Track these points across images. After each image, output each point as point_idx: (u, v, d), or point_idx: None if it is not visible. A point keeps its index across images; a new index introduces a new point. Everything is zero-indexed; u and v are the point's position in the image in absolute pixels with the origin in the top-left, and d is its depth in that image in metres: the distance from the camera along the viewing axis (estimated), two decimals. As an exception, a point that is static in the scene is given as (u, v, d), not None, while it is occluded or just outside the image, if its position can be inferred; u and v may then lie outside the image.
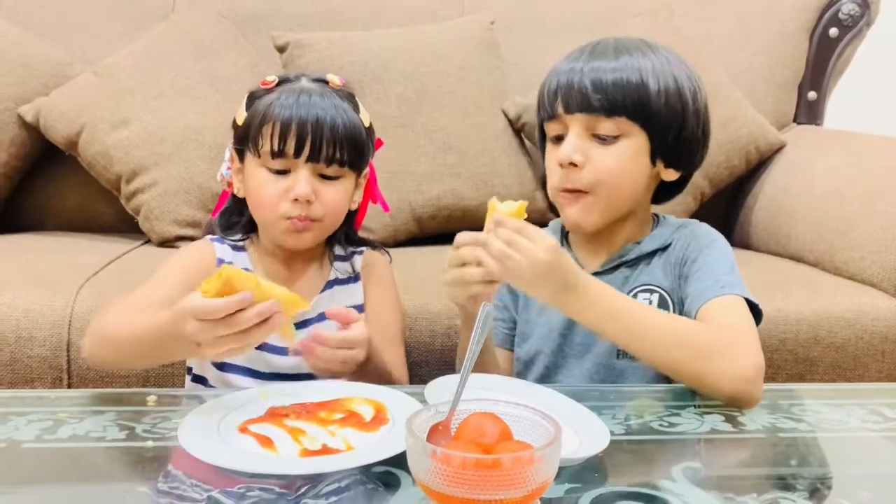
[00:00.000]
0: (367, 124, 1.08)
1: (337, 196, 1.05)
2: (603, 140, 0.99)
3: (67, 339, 1.27)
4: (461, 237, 0.90)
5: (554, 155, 1.02)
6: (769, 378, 1.33)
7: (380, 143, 1.15)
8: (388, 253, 1.21)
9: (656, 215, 1.11)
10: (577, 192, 1.01)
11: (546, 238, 0.87)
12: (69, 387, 1.27)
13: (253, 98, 1.07)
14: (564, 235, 1.13)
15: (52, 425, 0.81)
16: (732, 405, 0.89)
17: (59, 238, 1.77)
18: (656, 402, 0.92)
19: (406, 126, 1.74)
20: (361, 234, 1.20)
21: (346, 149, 1.03)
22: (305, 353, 0.93)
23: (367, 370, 0.98)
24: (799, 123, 1.99)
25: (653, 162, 1.02)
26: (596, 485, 0.70)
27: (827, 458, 0.83)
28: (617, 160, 1.00)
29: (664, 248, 1.05)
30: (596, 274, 1.04)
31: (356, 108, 1.08)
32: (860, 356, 1.35)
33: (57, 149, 1.76)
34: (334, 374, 0.95)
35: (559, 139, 1.02)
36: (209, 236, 1.13)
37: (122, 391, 0.95)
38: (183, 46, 1.78)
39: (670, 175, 1.05)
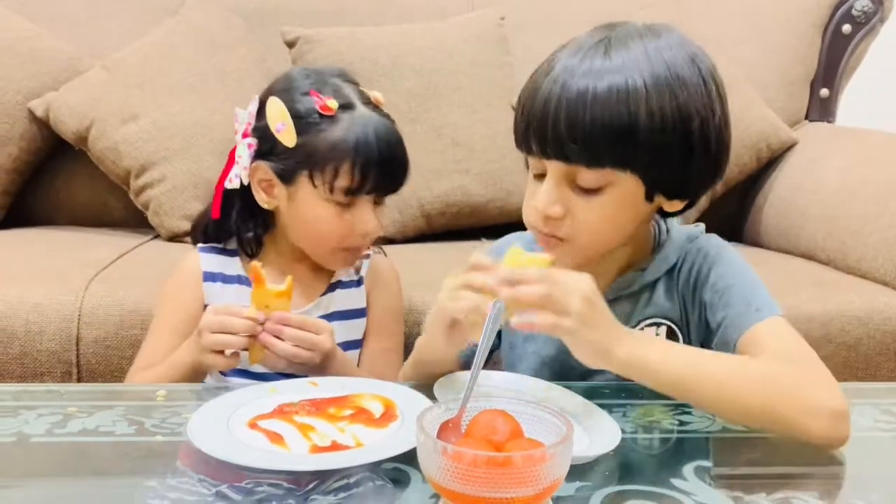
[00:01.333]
0: None
1: (380, 221, 1.07)
2: (584, 190, 0.83)
3: (77, 333, 1.27)
4: (478, 260, 0.79)
5: (531, 191, 0.87)
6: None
7: None
8: (383, 251, 1.20)
9: (661, 227, 0.96)
10: (555, 237, 0.86)
11: (583, 281, 0.75)
12: (78, 381, 1.28)
13: (308, 122, 1.01)
14: None
15: (62, 419, 0.81)
16: (820, 444, 0.77)
17: (68, 232, 1.78)
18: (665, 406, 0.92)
19: (415, 122, 1.74)
20: None
21: (403, 180, 1.06)
22: (254, 346, 0.94)
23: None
24: (811, 121, 1.97)
25: (649, 198, 0.86)
26: (607, 483, 0.70)
27: (838, 457, 0.82)
28: (601, 214, 0.84)
29: (669, 270, 0.92)
30: None
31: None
32: (872, 355, 1.34)
33: (67, 143, 1.76)
34: (284, 369, 0.96)
35: (539, 176, 0.87)
36: (198, 245, 1.12)
37: (132, 386, 0.95)
38: (192, 42, 1.78)
39: (674, 206, 0.88)
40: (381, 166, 1.01)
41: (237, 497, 0.66)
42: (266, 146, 1.04)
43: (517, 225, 1.25)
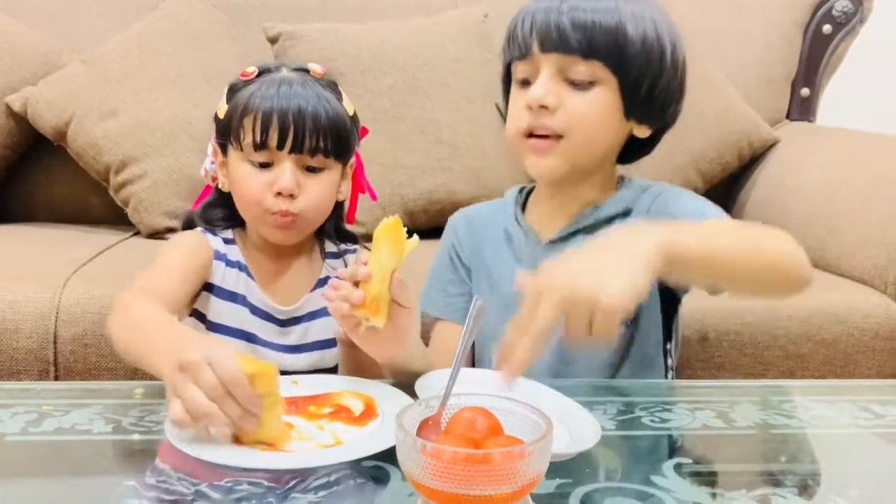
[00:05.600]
0: (350, 113, 1.06)
1: (321, 189, 1.03)
2: (576, 85, 0.94)
3: (54, 331, 1.26)
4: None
5: (520, 97, 0.96)
6: (759, 374, 1.34)
7: (365, 131, 1.13)
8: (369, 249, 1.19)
9: (622, 176, 1.04)
10: (546, 138, 0.95)
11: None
12: (56, 379, 1.26)
13: (233, 91, 1.05)
14: (523, 202, 1.08)
15: (37, 418, 0.80)
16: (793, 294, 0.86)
17: (47, 229, 1.76)
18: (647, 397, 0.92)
19: (398, 119, 1.74)
20: (354, 229, 1.19)
21: (330, 138, 1.01)
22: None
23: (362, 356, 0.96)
24: (792, 120, 1.99)
25: (626, 117, 0.96)
26: (587, 480, 0.70)
27: (817, 454, 0.83)
28: (591, 106, 0.94)
29: (626, 214, 0.99)
30: (552, 242, 1.01)
31: (339, 97, 1.06)
32: (851, 353, 1.35)
33: (45, 139, 1.74)
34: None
35: (526, 83, 0.97)
36: (200, 229, 1.11)
37: (109, 384, 0.94)
38: (174, 36, 1.77)
39: (643, 132, 0.99)
40: (283, 118, 0.99)
41: (216, 496, 0.66)
42: (218, 129, 1.07)
43: (500, 222, 1.26)
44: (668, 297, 1.01)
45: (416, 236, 0.82)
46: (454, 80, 1.77)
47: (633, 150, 1.02)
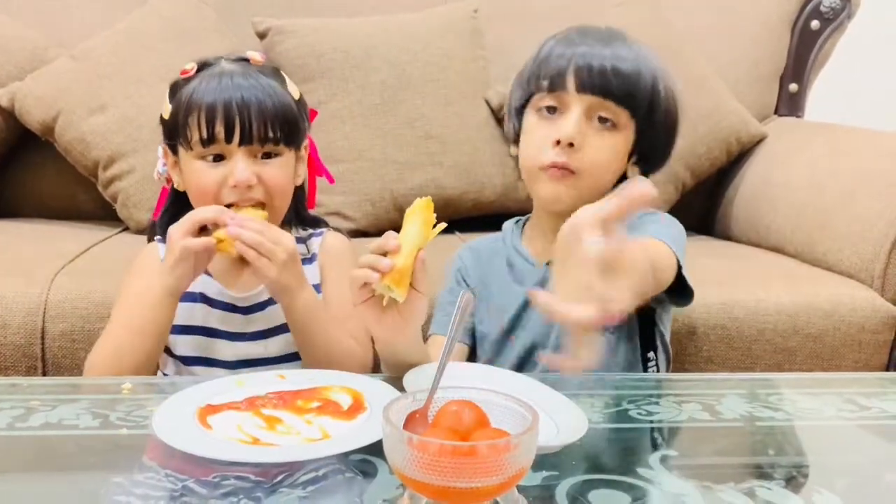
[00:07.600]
0: (296, 97, 1.06)
1: (278, 174, 1.03)
2: (601, 124, 0.99)
3: (42, 326, 1.25)
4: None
5: (544, 128, 1.01)
6: (748, 368, 1.35)
7: (314, 113, 1.13)
8: (346, 235, 1.19)
9: None
10: (565, 169, 1.00)
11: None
12: (44, 375, 1.26)
13: (175, 89, 1.04)
14: (521, 230, 1.14)
15: (24, 413, 0.80)
16: None
17: (35, 225, 1.75)
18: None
19: (388, 114, 1.73)
20: (334, 220, 1.18)
21: (278, 126, 1.01)
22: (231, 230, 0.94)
23: (299, 320, 0.99)
24: (780, 115, 2.00)
25: (629, 158, 1.04)
26: (573, 472, 0.70)
27: (803, 446, 0.84)
28: (610, 150, 1.01)
29: None
30: (549, 264, 1.05)
31: (283, 83, 1.05)
32: (837, 346, 1.36)
33: (33, 134, 1.73)
34: (257, 272, 0.95)
35: (552, 109, 1.01)
36: (156, 238, 1.11)
37: (96, 379, 0.94)
38: (162, 32, 1.76)
39: (634, 173, 1.06)
40: (228, 110, 0.98)
41: (204, 491, 0.66)
42: (165, 130, 1.07)
43: (491, 217, 1.26)
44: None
45: (442, 223, 0.85)
46: (444, 76, 1.77)
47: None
